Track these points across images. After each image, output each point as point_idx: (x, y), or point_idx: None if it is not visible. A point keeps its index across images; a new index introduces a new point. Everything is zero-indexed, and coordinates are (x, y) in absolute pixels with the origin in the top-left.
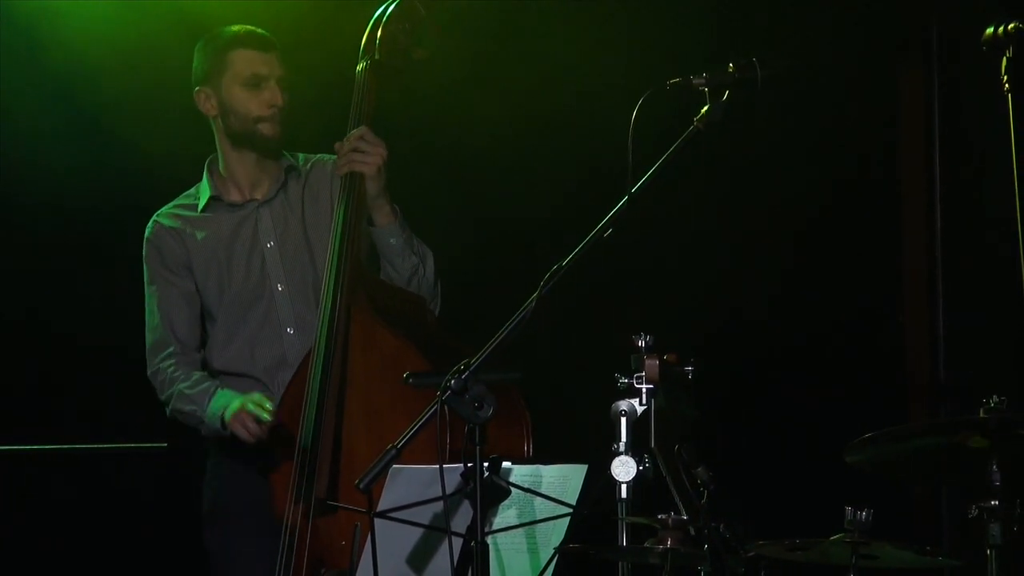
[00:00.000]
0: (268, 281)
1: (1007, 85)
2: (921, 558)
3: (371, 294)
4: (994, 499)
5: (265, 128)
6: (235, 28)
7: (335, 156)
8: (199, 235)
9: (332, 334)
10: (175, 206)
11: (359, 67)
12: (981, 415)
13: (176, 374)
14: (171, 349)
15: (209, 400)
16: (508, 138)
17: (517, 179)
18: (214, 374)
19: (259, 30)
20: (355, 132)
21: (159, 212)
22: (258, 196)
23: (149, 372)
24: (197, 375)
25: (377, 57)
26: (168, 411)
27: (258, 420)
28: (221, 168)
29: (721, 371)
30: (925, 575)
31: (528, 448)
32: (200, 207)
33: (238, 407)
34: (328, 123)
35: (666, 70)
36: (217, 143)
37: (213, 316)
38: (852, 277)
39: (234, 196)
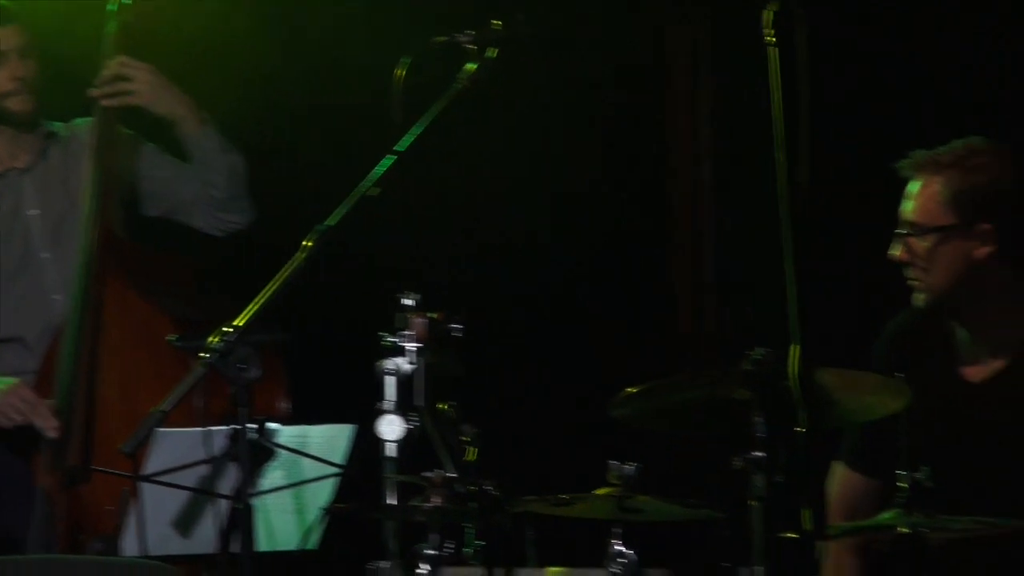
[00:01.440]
0: (32, 249)
1: (770, 39)
2: (686, 510)
3: (124, 261)
4: (758, 450)
5: (13, 103)
6: None
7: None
8: None
9: (85, 301)
10: None
11: (108, 29)
12: (744, 367)
13: None
14: None
15: None
16: (282, 99)
17: (293, 144)
18: None
19: None
20: (112, 63)
21: None
22: (18, 165)
23: None
24: None
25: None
26: None
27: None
28: None
29: (488, 328)
30: (690, 527)
31: (284, 406)
32: None
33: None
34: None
35: (439, 29)
36: None
37: None
38: (619, 230)
39: None
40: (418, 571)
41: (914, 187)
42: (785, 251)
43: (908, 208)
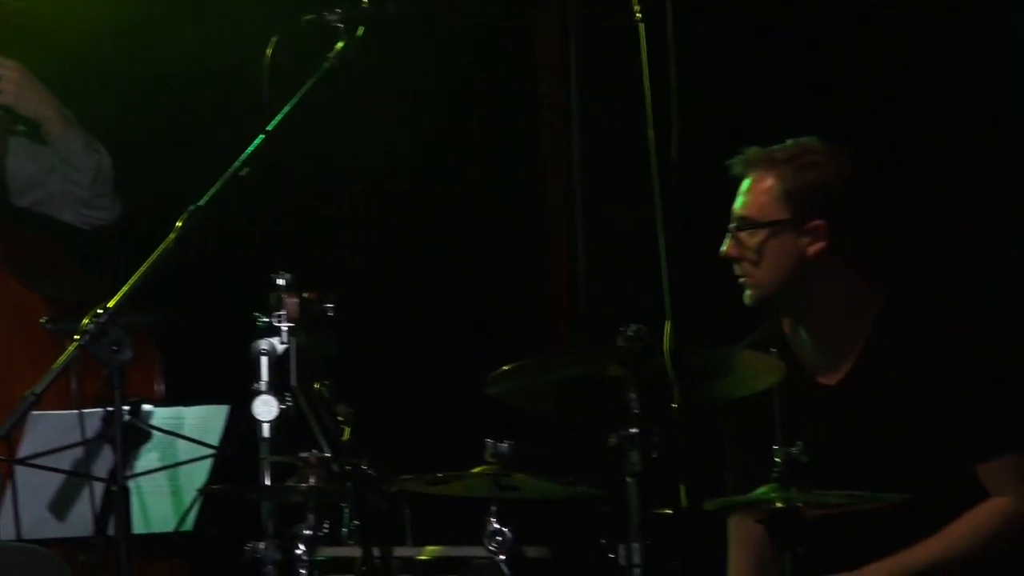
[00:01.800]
0: None
1: (639, 15)
2: (562, 488)
3: None
4: (633, 427)
5: None
6: None
7: None
8: None
9: None
10: None
11: None
12: (619, 344)
13: None
14: None
15: None
16: (155, 79)
17: (168, 125)
18: None
19: None
20: None
21: None
22: None
23: None
24: None
25: None
26: None
27: None
28: None
29: (362, 307)
30: (567, 505)
31: (160, 388)
32: None
33: None
34: None
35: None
36: None
37: None
38: (493, 210)
39: None
40: (295, 551)
41: (747, 183)
42: (658, 227)
43: (740, 203)
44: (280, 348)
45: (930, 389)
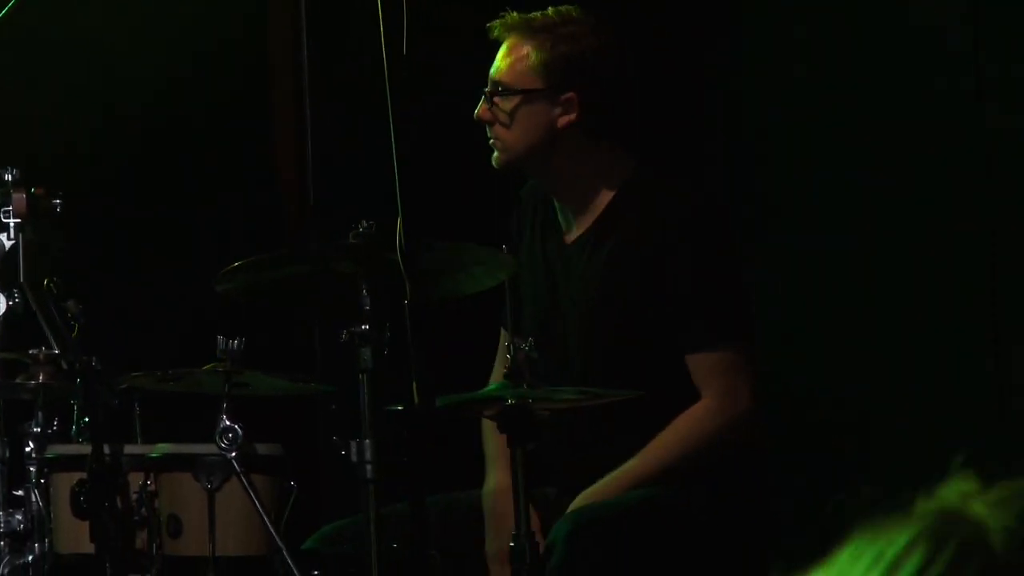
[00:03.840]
0: None
1: None
2: (294, 385)
3: None
4: (365, 324)
5: None
6: None
7: None
8: None
9: None
10: None
11: None
12: (350, 240)
13: None
14: None
15: None
16: None
17: None
18: None
19: None
20: None
21: None
22: None
23: None
24: None
25: None
26: None
27: None
28: None
29: (92, 202)
30: (300, 402)
31: None
32: None
33: None
34: None
35: None
36: None
37: None
38: (221, 106)
39: None
40: (25, 449)
41: (504, 49)
42: (391, 124)
43: (496, 69)
44: (7, 244)
45: (652, 268)
